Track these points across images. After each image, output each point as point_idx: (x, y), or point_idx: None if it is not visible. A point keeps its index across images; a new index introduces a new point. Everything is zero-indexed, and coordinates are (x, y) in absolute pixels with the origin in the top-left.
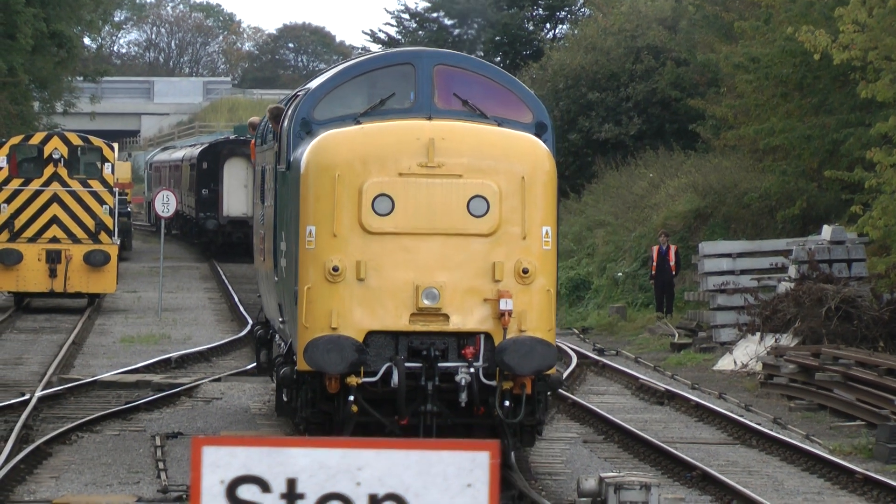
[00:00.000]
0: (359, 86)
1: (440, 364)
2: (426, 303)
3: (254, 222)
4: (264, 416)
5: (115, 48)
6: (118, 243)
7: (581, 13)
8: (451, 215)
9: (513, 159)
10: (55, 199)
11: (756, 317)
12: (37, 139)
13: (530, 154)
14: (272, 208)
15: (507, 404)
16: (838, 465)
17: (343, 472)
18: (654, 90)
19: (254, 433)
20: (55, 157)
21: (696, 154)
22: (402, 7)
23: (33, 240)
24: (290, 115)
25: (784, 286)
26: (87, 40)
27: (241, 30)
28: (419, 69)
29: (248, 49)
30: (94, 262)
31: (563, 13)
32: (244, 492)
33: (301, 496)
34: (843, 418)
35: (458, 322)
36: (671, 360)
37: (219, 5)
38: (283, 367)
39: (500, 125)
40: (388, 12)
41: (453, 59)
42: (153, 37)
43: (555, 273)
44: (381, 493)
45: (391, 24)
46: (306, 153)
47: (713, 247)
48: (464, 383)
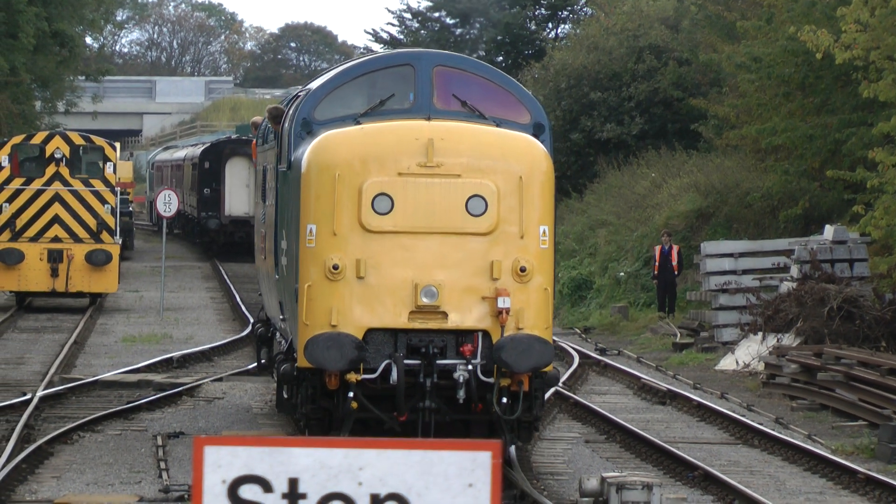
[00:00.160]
0: (359, 86)
1: (439, 361)
2: (425, 301)
3: (255, 221)
4: (266, 416)
5: (117, 47)
6: (120, 243)
7: (583, 13)
8: (450, 214)
9: (511, 159)
10: (57, 198)
11: (758, 316)
12: (39, 138)
13: (528, 154)
14: (273, 207)
15: (504, 401)
16: (840, 465)
17: (345, 471)
18: (657, 90)
19: (255, 433)
20: (57, 156)
21: (698, 154)
22: (404, 6)
23: (35, 239)
24: (290, 116)
25: (786, 286)
26: (89, 39)
27: (242, 29)
28: (418, 70)
29: (249, 48)
30: (96, 261)
31: (566, 13)
32: (246, 492)
33: (303, 496)
34: (845, 418)
35: (456, 320)
36: (673, 359)
37: (221, 5)
38: (283, 363)
39: (499, 126)
40: (389, 12)
41: (452, 61)
42: (155, 36)
43: (552, 272)
44: (383, 492)
45: (393, 24)
46: (307, 153)
47: (715, 246)
48: (462, 380)
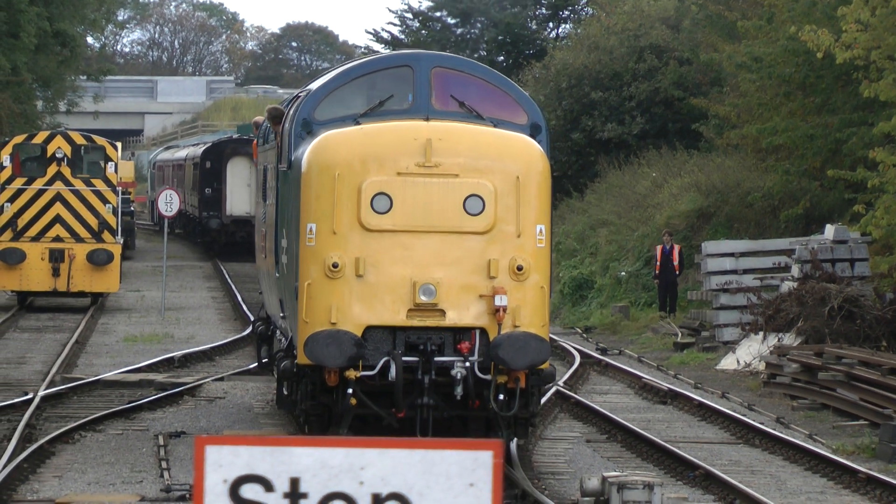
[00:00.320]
0: (358, 87)
1: (436, 358)
2: (423, 299)
3: (256, 220)
4: (267, 416)
5: (118, 47)
6: (121, 242)
7: (584, 12)
8: (448, 214)
9: (508, 159)
10: (58, 198)
11: (759, 316)
12: (40, 138)
13: (525, 154)
14: (274, 206)
15: (501, 398)
16: (841, 464)
17: (346, 471)
18: (657, 89)
19: (257, 432)
20: (58, 156)
21: (699, 153)
22: (405, 6)
23: (36, 239)
24: (291, 116)
25: (787, 285)
26: (90, 39)
27: (244, 29)
28: (417, 71)
29: (251, 48)
30: (98, 261)
31: (566, 12)
32: (247, 491)
33: (304, 496)
34: (846, 418)
35: (454, 317)
36: (674, 359)
37: (222, 4)
38: (283, 360)
39: (496, 126)
40: (391, 11)
41: (450, 62)
42: (156, 36)
43: (548, 270)
44: (384, 492)
45: (394, 24)
46: (307, 153)
47: (716, 246)
48: (459, 377)
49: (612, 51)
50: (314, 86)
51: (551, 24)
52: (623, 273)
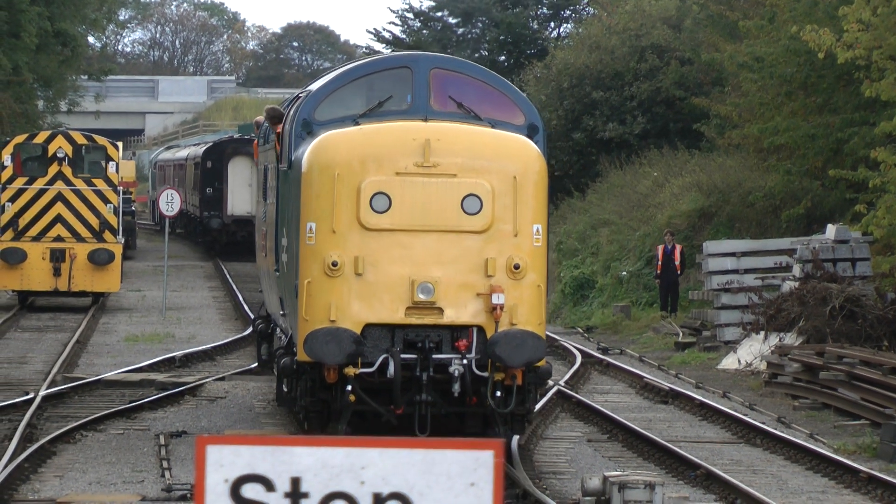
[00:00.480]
0: (358, 88)
1: (434, 356)
2: (421, 297)
3: (256, 219)
4: (268, 415)
5: (119, 47)
6: (122, 242)
7: (585, 12)
8: (446, 213)
9: (505, 160)
10: (59, 197)
11: (760, 316)
12: (41, 138)
13: (522, 155)
14: (274, 206)
15: (498, 394)
16: (842, 464)
17: (347, 471)
18: (659, 89)
19: (258, 432)
20: (59, 155)
21: (700, 153)
22: (407, 6)
23: (37, 238)
24: (291, 116)
25: (788, 285)
26: (91, 39)
27: (245, 29)
28: (416, 73)
29: (252, 48)
30: (99, 260)
31: (568, 12)
32: (248, 491)
33: (305, 495)
34: (847, 417)
35: (451, 315)
36: (675, 358)
37: (223, 4)
38: (283, 358)
39: (494, 127)
40: (392, 11)
41: (449, 63)
42: (157, 36)
43: (545, 269)
44: (385, 492)
45: (395, 24)
46: (307, 153)
47: (717, 246)
48: (457, 374)
49: (613, 50)
50: (314, 86)
51: (552, 24)
52: (624, 273)
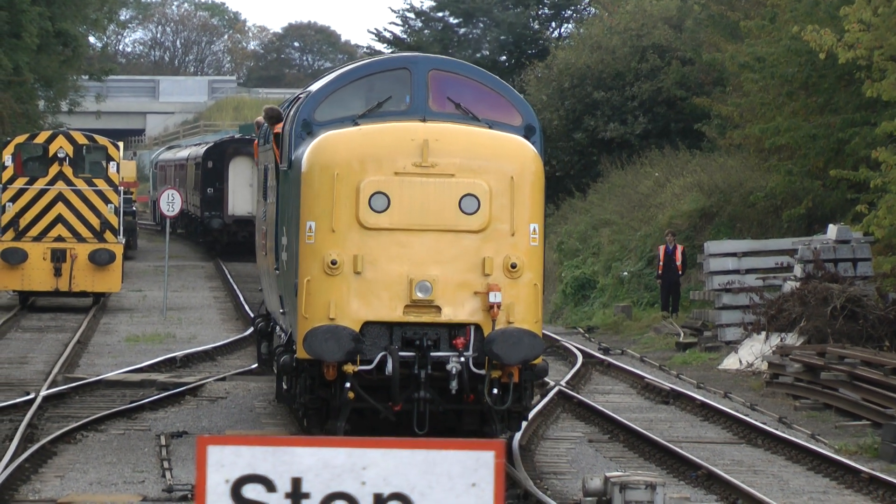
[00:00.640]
0: (357, 89)
1: (432, 353)
2: (419, 295)
3: (257, 219)
4: (269, 416)
5: (120, 47)
6: (123, 242)
7: (587, 12)
8: (444, 212)
9: (502, 160)
10: (60, 197)
11: (761, 316)
12: (42, 138)
13: (519, 155)
14: (274, 205)
15: (495, 392)
16: (844, 464)
17: (348, 471)
18: (660, 89)
19: (259, 432)
20: (60, 155)
21: (701, 153)
22: (408, 6)
23: (38, 239)
24: (291, 117)
25: (789, 285)
26: (92, 39)
27: (246, 29)
28: (414, 74)
29: (253, 48)
30: (99, 261)
31: (569, 12)
32: (249, 491)
33: (306, 496)
34: (848, 417)
35: (449, 314)
36: (676, 359)
37: (224, 4)
38: (283, 356)
39: (491, 127)
40: (393, 11)
41: (447, 65)
42: (158, 36)
43: (541, 268)
44: (386, 492)
45: (396, 24)
46: (307, 153)
47: (718, 246)
48: (454, 372)
49: (614, 50)
50: (314, 87)
51: (554, 24)
52: (625, 273)
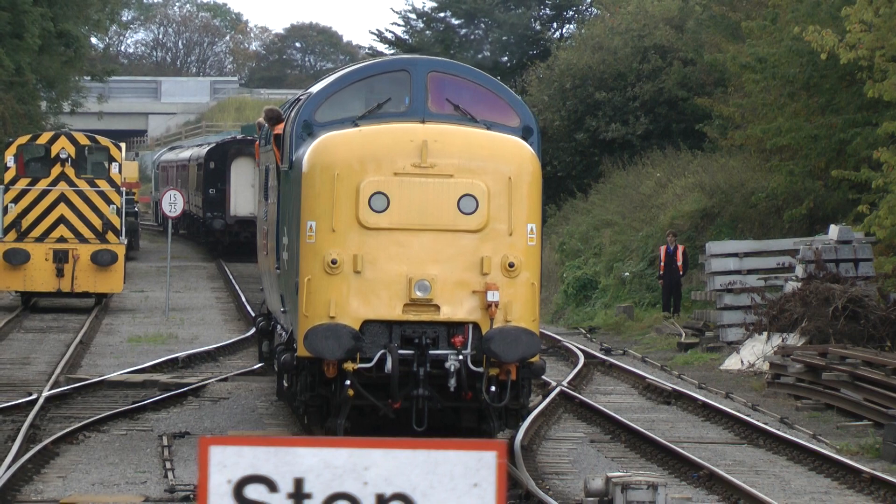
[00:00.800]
0: (357, 91)
1: (431, 351)
2: (418, 294)
3: (258, 219)
4: (271, 416)
5: (122, 48)
6: (125, 243)
7: (588, 13)
8: (443, 212)
9: (500, 161)
10: (62, 198)
11: (763, 316)
12: (44, 139)
13: (517, 156)
14: (275, 205)
15: (493, 389)
16: (845, 464)
17: (350, 471)
18: (661, 90)
19: (261, 433)
20: (62, 156)
21: (702, 154)
22: (409, 7)
23: (40, 239)
24: (292, 118)
25: (791, 286)
26: (94, 40)
27: (248, 29)
28: (414, 75)
29: (255, 49)
30: (102, 261)
31: (571, 13)
32: (251, 491)
33: (308, 496)
34: (850, 418)
35: (448, 312)
36: (678, 359)
37: (226, 5)
38: (283, 354)
39: (489, 129)
40: (395, 12)
41: (446, 67)
42: (160, 36)
43: (539, 267)
44: (388, 492)
45: (398, 24)
46: (308, 153)
47: (720, 246)
48: (453, 369)
49: (616, 51)
50: (314, 89)
51: (555, 25)
52: (627, 273)
